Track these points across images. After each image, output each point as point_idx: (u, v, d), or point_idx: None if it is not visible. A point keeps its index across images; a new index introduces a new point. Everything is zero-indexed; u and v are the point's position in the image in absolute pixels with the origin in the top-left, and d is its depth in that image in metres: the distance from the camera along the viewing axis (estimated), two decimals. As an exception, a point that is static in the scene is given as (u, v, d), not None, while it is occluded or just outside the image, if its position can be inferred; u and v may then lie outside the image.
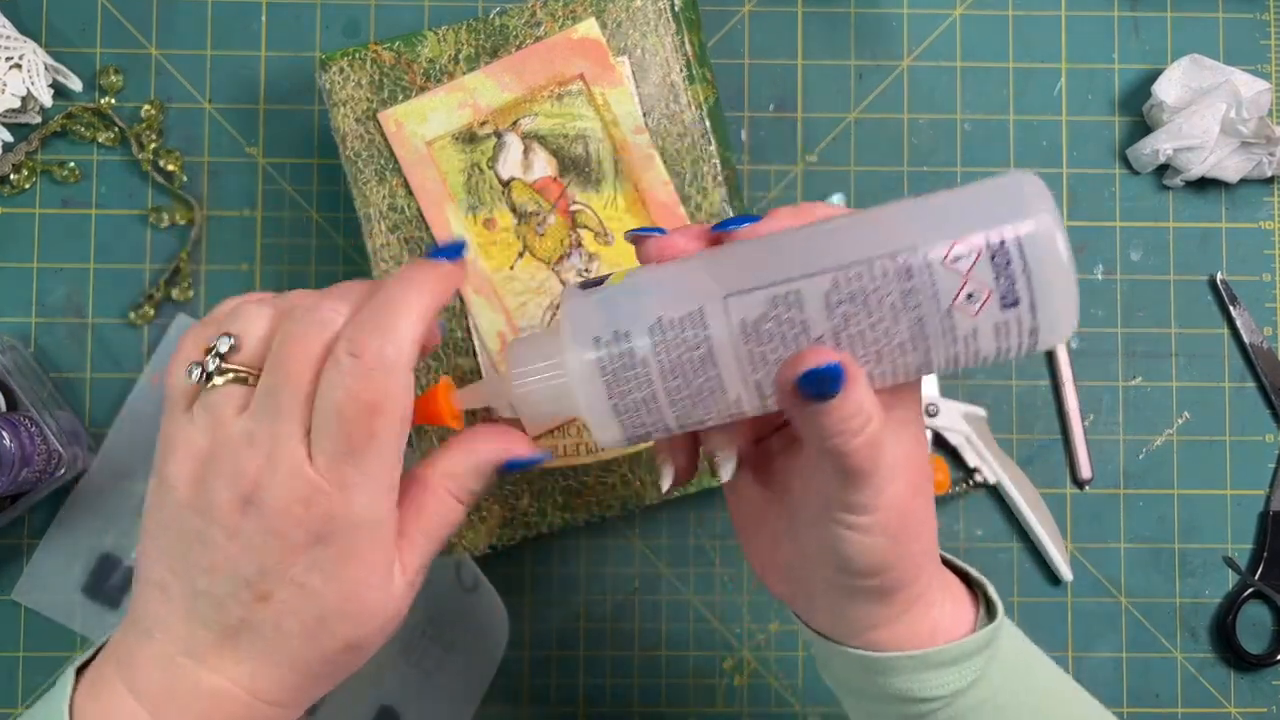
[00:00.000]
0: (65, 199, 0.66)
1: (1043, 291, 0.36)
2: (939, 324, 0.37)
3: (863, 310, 0.37)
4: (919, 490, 0.40)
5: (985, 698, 0.43)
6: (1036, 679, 0.45)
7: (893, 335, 0.37)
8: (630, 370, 0.38)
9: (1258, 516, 0.68)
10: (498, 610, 0.63)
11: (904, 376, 0.38)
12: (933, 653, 0.42)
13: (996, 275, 0.36)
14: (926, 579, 0.42)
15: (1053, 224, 0.36)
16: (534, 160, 0.58)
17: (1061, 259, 0.36)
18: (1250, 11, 0.69)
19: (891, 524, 0.39)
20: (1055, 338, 0.37)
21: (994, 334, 0.37)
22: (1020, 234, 0.36)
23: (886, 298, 0.37)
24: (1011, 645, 0.44)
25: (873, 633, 0.43)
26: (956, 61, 0.68)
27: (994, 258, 0.36)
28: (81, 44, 0.66)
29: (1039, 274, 0.36)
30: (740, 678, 0.66)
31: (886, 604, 0.42)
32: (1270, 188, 0.69)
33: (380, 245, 0.58)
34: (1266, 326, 0.68)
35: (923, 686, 0.42)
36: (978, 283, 0.36)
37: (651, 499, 0.58)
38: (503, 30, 0.58)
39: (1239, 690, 0.67)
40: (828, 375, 0.35)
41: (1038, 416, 0.67)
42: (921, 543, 0.41)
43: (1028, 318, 0.37)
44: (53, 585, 0.65)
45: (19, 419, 0.59)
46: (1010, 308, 0.36)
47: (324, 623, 0.39)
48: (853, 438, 0.37)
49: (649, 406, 0.39)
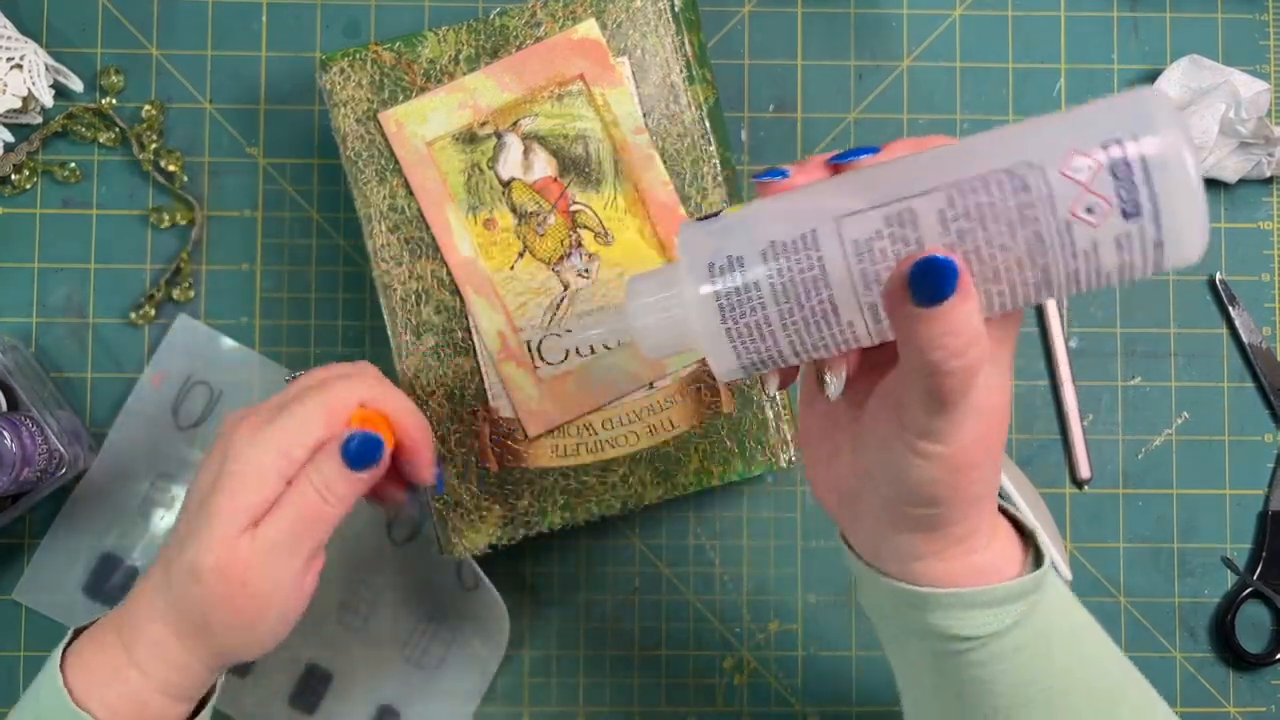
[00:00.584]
0: (66, 199, 0.66)
1: (1167, 202, 0.35)
2: (1057, 237, 0.36)
3: (978, 225, 0.36)
4: (996, 435, 0.40)
5: (1021, 644, 0.43)
6: (1077, 633, 0.45)
7: (1010, 250, 0.36)
8: (744, 295, 0.38)
9: (1256, 516, 0.68)
10: (498, 610, 0.63)
11: (1023, 298, 0.37)
12: (973, 592, 0.42)
13: (1117, 185, 0.35)
14: (977, 520, 0.42)
15: (1178, 136, 0.35)
16: (534, 160, 0.58)
17: (1188, 170, 0.35)
18: (1249, 12, 0.69)
19: (961, 460, 0.39)
20: (1183, 254, 0.36)
21: (1115, 248, 0.36)
22: (1143, 144, 0.35)
23: (1003, 211, 0.36)
24: (1055, 596, 0.44)
25: (916, 563, 0.43)
26: (956, 62, 0.68)
27: (1114, 168, 0.35)
28: (82, 44, 0.66)
29: (1162, 184, 0.35)
30: (740, 677, 0.66)
31: (933, 538, 0.42)
32: (1269, 188, 0.69)
33: (380, 245, 0.59)
34: (1265, 326, 0.68)
35: (960, 625, 0.43)
36: (1098, 193, 0.35)
37: (651, 499, 0.58)
38: (503, 31, 0.58)
39: (1238, 689, 0.67)
40: (943, 270, 0.35)
41: (1037, 416, 0.67)
42: (983, 486, 0.41)
43: (1151, 229, 0.35)
44: (54, 585, 0.65)
45: (20, 419, 0.59)
46: (1132, 218, 0.35)
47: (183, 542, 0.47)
48: (954, 357, 0.36)
49: (763, 332, 0.39)
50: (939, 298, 0.35)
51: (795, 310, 0.38)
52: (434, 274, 0.58)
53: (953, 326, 0.35)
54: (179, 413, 0.65)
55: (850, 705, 0.66)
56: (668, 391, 0.58)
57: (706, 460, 0.58)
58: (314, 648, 0.65)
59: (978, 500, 0.41)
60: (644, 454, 0.58)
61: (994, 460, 0.41)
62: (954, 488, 0.40)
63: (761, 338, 0.39)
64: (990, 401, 0.39)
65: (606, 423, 0.58)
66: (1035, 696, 0.44)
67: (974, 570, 0.43)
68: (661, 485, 0.58)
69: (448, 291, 0.58)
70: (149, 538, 0.65)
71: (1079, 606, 0.47)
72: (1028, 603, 0.43)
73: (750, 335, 0.39)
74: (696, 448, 0.58)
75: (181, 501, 0.53)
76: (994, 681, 0.44)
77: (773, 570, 0.67)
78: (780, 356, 0.39)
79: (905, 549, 0.43)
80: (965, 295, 0.35)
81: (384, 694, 0.65)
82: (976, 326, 0.35)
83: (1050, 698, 0.44)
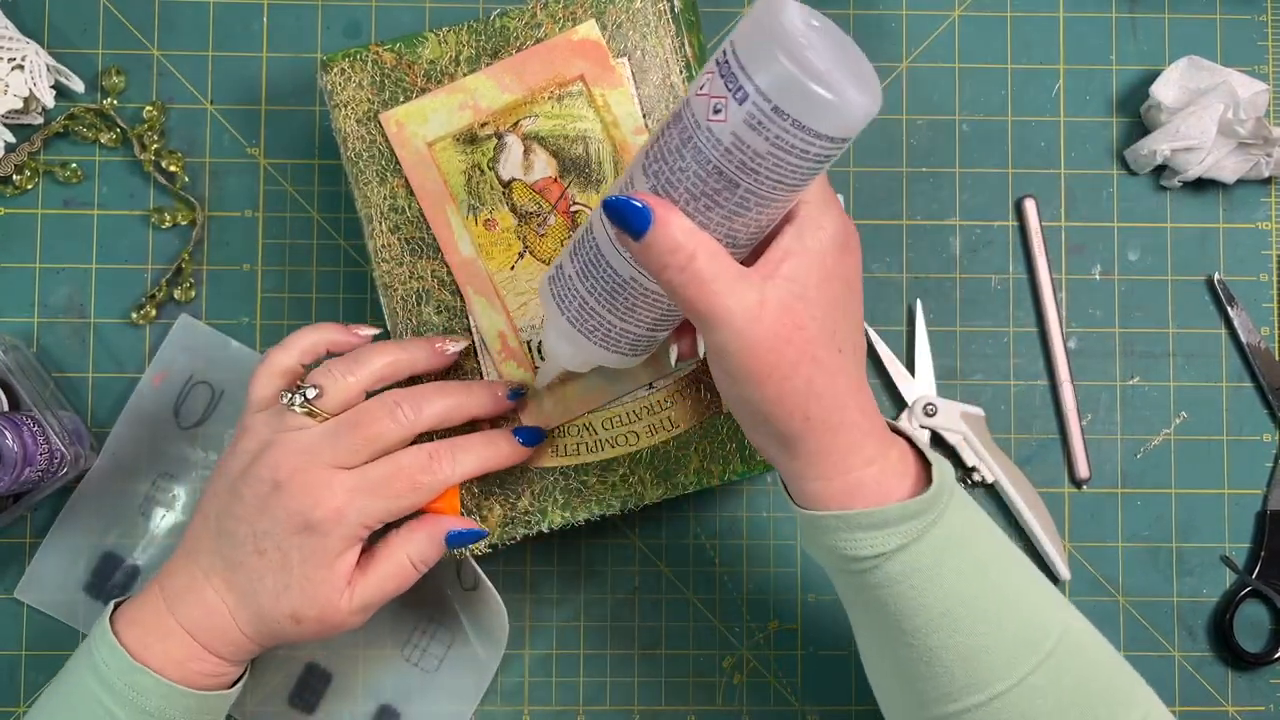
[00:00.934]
0: (67, 199, 0.66)
1: (764, 75, 0.39)
2: (707, 143, 0.42)
3: (662, 162, 0.43)
4: (787, 341, 0.44)
5: (918, 565, 0.45)
6: (978, 552, 0.47)
7: (686, 170, 0.42)
8: (566, 287, 0.49)
9: (1255, 516, 0.68)
10: (498, 609, 0.63)
11: (727, 211, 0.43)
12: (856, 514, 0.45)
13: (725, 80, 0.41)
14: (832, 437, 0.45)
15: (765, 14, 0.40)
16: (535, 161, 0.58)
17: (774, 50, 0.39)
18: (1248, 13, 0.69)
19: (753, 370, 0.44)
20: (831, 114, 0.40)
21: (752, 130, 0.40)
22: (734, 37, 0.41)
23: (673, 145, 0.43)
24: (957, 519, 0.46)
25: (806, 486, 0.47)
26: (955, 62, 0.68)
27: (720, 68, 0.41)
28: (83, 45, 0.67)
29: (749, 60, 0.40)
30: (740, 676, 0.67)
31: (793, 456, 0.46)
32: (1267, 188, 0.69)
33: (381, 246, 0.59)
34: (1264, 326, 0.68)
35: (848, 545, 0.46)
36: (715, 95, 0.41)
37: (651, 499, 0.58)
38: (503, 31, 0.58)
39: (1237, 689, 0.67)
40: (620, 206, 0.43)
41: (1035, 416, 0.68)
42: (804, 397, 0.44)
43: (762, 102, 0.40)
44: (55, 584, 0.65)
45: (21, 418, 0.59)
46: (745, 100, 0.40)
47: (286, 590, 0.52)
48: (678, 272, 0.43)
49: (586, 310, 0.48)
50: (638, 226, 0.42)
51: (596, 286, 0.47)
52: (434, 274, 0.59)
53: (664, 247, 0.42)
54: (180, 413, 0.66)
55: (850, 705, 0.66)
56: (668, 391, 0.58)
57: (706, 460, 0.58)
58: (313, 647, 0.65)
59: (809, 409, 0.44)
60: (644, 454, 0.58)
61: (809, 364, 0.44)
62: (765, 396, 0.44)
63: (589, 316, 0.48)
64: (761, 304, 0.43)
65: (606, 423, 0.58)
66: (937, 621, 0.45)
67: (859, 492, 0.46)
68: (661, 485, 0.58)
69: (448, 292, 0.59)
70: (150, 537, 0.65)
71: (991, 532, 0.48)
72: (918, 525, 0.45)
73: (581, 316, 0.48)
74: (696, 448, 0.59)
75: (212, 474, 0.55)
76: (894, 603, 0.46)
77: (773, 570, 0.67)
78: (616, 329, 0.48)
79: (785, 472, 0.48)
80: (663, 221, 0.42)
81: (384, 693, 0.65)
82: (687, 241, 0.42)
83: (955, 621, 0.45)
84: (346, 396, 0.53)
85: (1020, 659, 0.45)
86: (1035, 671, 0.45)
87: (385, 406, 0.53)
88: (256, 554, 0.52)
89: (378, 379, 0.54)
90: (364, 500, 0.52)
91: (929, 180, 0.68)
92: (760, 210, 0.43)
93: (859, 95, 0.40)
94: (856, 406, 0.46)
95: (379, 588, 0.54)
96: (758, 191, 0.42)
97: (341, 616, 0.53)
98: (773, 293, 0.44)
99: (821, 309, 0.45)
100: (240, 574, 0.52)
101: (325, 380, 0.53)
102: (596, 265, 0.47)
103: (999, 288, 0.68)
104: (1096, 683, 0.46)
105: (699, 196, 0.43)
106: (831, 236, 0.45)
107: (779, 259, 0.44)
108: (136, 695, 0.50)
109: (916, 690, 0.47)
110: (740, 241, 0.45)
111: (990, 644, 0.45)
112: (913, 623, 0.46)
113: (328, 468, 0.52)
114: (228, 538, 0.52)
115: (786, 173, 0.42)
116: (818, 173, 0.43)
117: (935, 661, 0.46)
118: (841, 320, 0.46)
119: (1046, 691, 0.45)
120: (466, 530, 0.55)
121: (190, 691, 0.52)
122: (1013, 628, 0.46)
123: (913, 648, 0.46)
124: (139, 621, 0.52)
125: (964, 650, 0.45)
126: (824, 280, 0.45)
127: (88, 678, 0.51)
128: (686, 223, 0.43)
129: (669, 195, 0.43)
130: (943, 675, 0.46)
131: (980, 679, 0.45)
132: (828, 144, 0.41)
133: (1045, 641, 0.46)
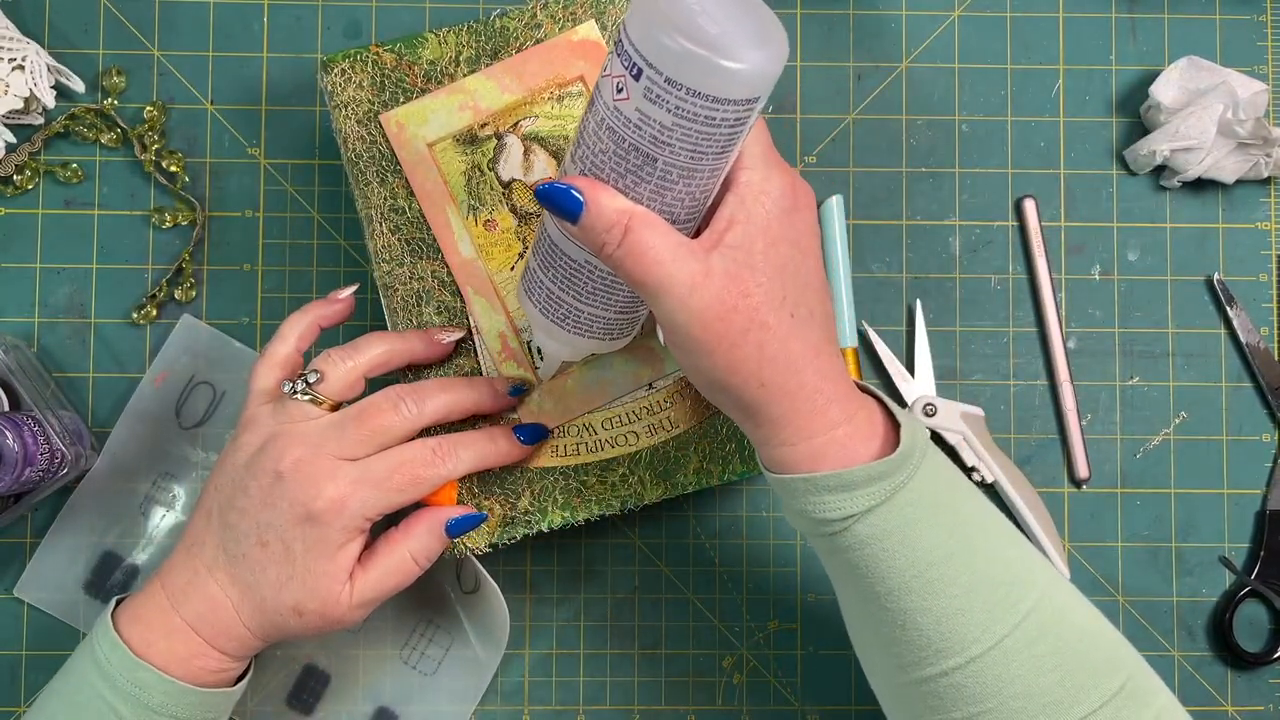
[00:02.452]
0: (68, 200, 0.66)
1: (649, 49, 0.40)
2: (618, 123, 0.42)
3: (584, 146, 0.44)
4: (733, 309, 0.44)
5: (888, 528, 0.45)
6: (952, 513, 0.47)
7: (606, 151, 0.43)
8: (533, 280, 0.50)
9: (1254, 515, 0.68)
10: (499, 610, 0.63)
11: (654, 186, 0.43)
12: (822, 476, 0.45)
13: (620, 59, 0.42)
14: (791, 402, 0.45)
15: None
16: (535, 162, 0.58)
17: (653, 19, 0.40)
18: (1247, 13, 0.69)
19: (702, 339, 0.44)
20: (720, 82, 0.40)
21: (653, 104, 0.41)
22: (628, 10, 0.41)
23: (591, 129, 0.44)
24: (929, 480, 0.46)
25: (774, 451, 0.47)
26: (955, 63, 0.68)
27: (616, 48, 0.42)
28: (84, 45, 0.67)
29: (636, 37, 0.40)
30: (740, 676, 0.67)
31: (756, 424, 0.46)
32: (1267, 188, 0.69)
33: (381, 246, 0.59)
34: (1263, 326, 0.68)
35: (815, 508, 0.46)
36: (615, 74, 0.42)
37: (651, 499, 0.58)
38: (503, 32, 0.59)
39: (1236, 689, 0.67)
40: (554, 190, 0.44)
41: (1035, 416, 0.68)
42: (756, 363, 0.44)
43: (656, 75, 0.40)
44: (55, 583, 0.65)
45: (22, 418, 0.59)
46: (640, 75, 0.41)
47: (289, 581, 0.52)
48: (615, 247, 0.44)
49: (552, 299, 0.50)
50: (574, 207, 0.44)
51: (558, 276, 0.49)
52: (435, 274, 0.59)
53: (598, 225, 0.44)
54: (182, 413, 0.66)
55: (849, 704, 0.67)
56: (668, 391, 0.58)
57: (706, 460, 0.59)
58: (312, 648, 0.65)
59: (765, 376, 0.45)
60: (643, 454, 0.59)
61: (761, 331, 0.44)
62: (716, 365, 0.44)
63: (558, 305, 0.50)
64: (705, 274, 0.44)
65: (606, 423, 0.58)
66: (910, 583, 0.45)
67: (825, 456, 0.46)
68: (661, 485, 0.58)
69: (448, 292, 0.59)
70: (150, 536, 0.65)
71: (967, 493, 0.48)
72: (886, 486, 0.45)
73: (550, 306, 0.50)
74: (696, 448, 0.59)
75: (212, 469, 0.56)
76: (866, 566, 0.46)
77: (773, 570, 0.67)
78: (585, 314, 0.49)
79: (754, 438, 0.48)
80: (592, 201, 0.43)
81: (382, 695, 0.65)
82: (615, 217, 0.43)
83: (928, 584, 0.45)
84: (347, 381, 0.54)
85: (996, 622, 0.45)
86: (1011, 634, 0.45)
87: (389, 399, 0.53)
88: (259, 546, 0.52)
89: (376, 364, 0.55)
90: (366, 492, 0.52)
91: (929, 180, 0.68)
92: (688, 182, 0.44)
93: (755, 53, 0.40)
94: (815, 370, 0.46)
95: (379, 583, 0.54)
96: (677, 164, 0.43)
97: (342, 611, 0.53)
98: (718, 262, 0.44)
99: (768, 275, 0.45)
100: (243, 566, 0.52)
101: (325, 365, 0.54)
102: (553, 255, 0.48)
103: (999, 288, 0.68)
104: (1077, 646, 0.46)
105: (624, 174, 0.43)
106: (775, 200, 0.45)
107: (723, 229, 0.45)
108: (140, 692, 0.51)
109: (894, 653, 0.47)
110: (679, 216, 0.45)
111: (965, 606, 0.45)
112: (886, 585, 0.46)
113: (331, 459, 0.52)
114: (231, 531, 0.53)
115: (700, 140, 0.42)
116: (737, 137, 0.43)
117: (910, 625, 0.46)
118: (791, 283, 0.45)
119: (1023, 654, 0.45)
120: (465, 516, 0.56)
121: (193, 689, 0.52)
122: (987, 590, 0.46)
123: (888, 610, 0.46)
124: (142, 618, 0.52)
125: (938, 613, 0.45)
126: (770, 245, 0.45)
127: (91, 675, 0.51)
128: (618, 199, 0.44)
129: (598, 177, 0.44)
130: (918, 638, 0.46)
131: (955, 642, 0.45)
132: (734, 107, 0.41)
133: (1021, 604, 0.46)
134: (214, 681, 0.53)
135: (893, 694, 0.49)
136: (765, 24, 0.42)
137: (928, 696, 0.46)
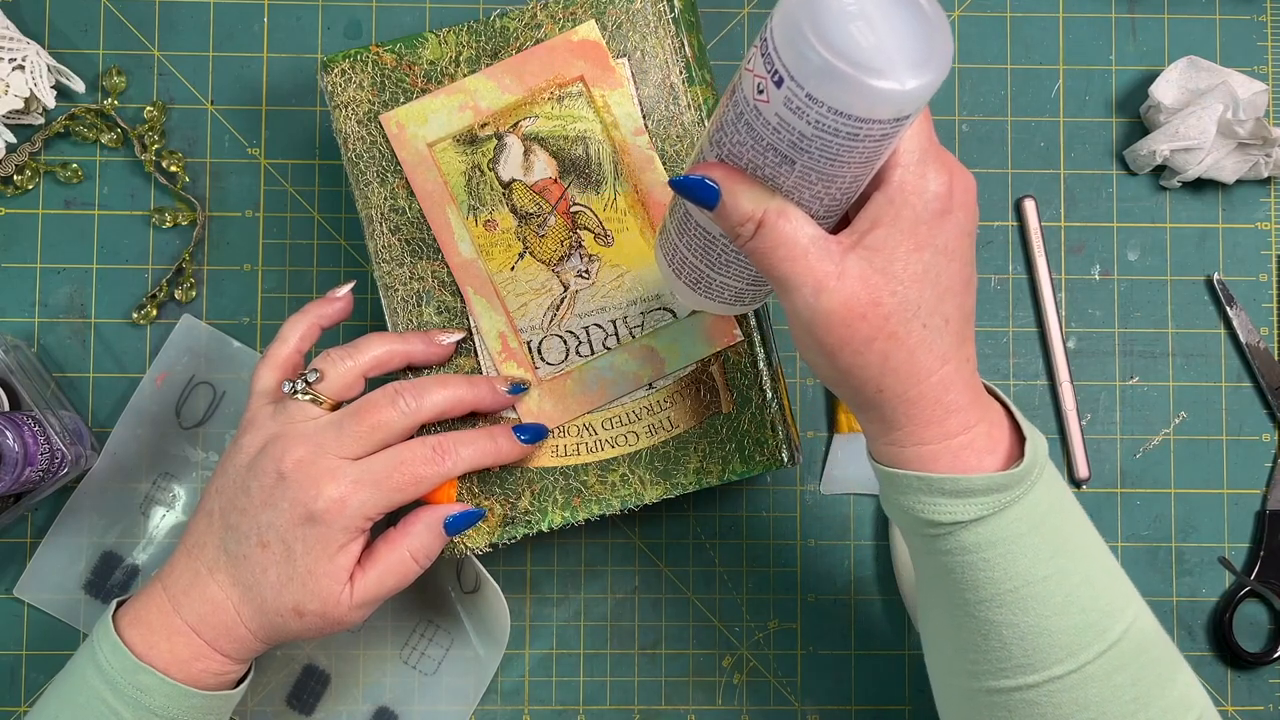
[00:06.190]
0: (68, 200, 0.66)
1: (794, 61, 0.37)
2: (757, 121, 0.40)
3: (723, 132, 0.42)
4: (861, 317, 0.42)
5: (994, 539, 0.44)
6: (1057, 533, 0.46)
7: (744, 143, 0.41)
8: (669, 242, 0.49)
9: (1254, 515, 0.68)
10: (500, 608, 0.63)
11: (792, 183, 0.41)
12: (940, 478, 0.44)
13: (764, 61, 0.38)
14: (908, 408, 0.44)
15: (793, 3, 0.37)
16: (534, 162, 0.58)
17: (803, 30, 0.36)
18: (1247, 13, 0.69)
19: (825, 342, 0.43)
20: (867, 102, 0.37)
21: (793, 113, 0.38)
22: (774, 15, 0.38)
23: (731, 118, 0.41)
24: (1043, 497, 0.45)
25: (886, 448, 0.46)
26: (955, 62, 0.68)
27: (762, 47, 0.39)
28: (84, 45, 0.67)
29: (782, 46, 0.37)
30: (740, 676, 0.67)
31: (868, 420, 0.46)
32: (1267, 188, 0.69)
33: (382, 246, 0.59)
34: (1263, 326, 0.68)
35: (925, 509, 0.45)
36: (757, 74, 0.39)
37: (651, 499, 0.59)
38: (503, 32, 0.59)
39: (1236, 689, 0.67)
40: (690, 183, 0.43)
41: (1035, 415, 0.68)
42: (878, 371, 0.43)
43: (796, 88, 0.37)
44: (55, 582, 0.65)
45: (22, 418, 0.59)
46: (780, 86, 0.38)
47: (289, 582, 0.52)
48: (749, 239, 0.43)
49: (686, 263, 0.48)
50: (710, 199, 0.43)
51: (690, 242, 0.47)
52: (435, 275, 0.59)
53: (734, 217, 0.43)
54: (182, 413, 0.66)
55: (849, 704, 0.67)
56: (668, 391, 0.58)
57: (706, 460, 0.59)
58: (312, 648, 0.66)
59: (893, 377, 0.43)
60: (643, 454, 0.59)
61: (892, 337, 0.43)
62: (841, 364, 0.43)
63: (689, 269, 0.49)
64: (840, 274, 0.42)
65: (606, 423, 0.58)
66: (1004, 596, 0.45)
67: (948, 459, 0.45)
68: (661, 485, 0.59)
69: (448, 292, 0.59)
70: (150, 536, 0.65)
71: (1075, 514, 0.47)
72: (1001, 498, 0.44)
73: (681, 269, 0.49)
74: (696, 448, 0.59)
75: (215, 470, 0.55)
76: (962, 572, 0.45)
77: (773, 570, 0.67)
78: (716, 282, 0.48)
79: (868, 432, 0.47)
80: (729, 190, 0.42)
81: (382, 695, 0.65)
82: (751, 210, 0.42)
83: (1021, 600, 0.45)
84: (346, 380, 0.54)
85: (1083, 646, 0.45)
86: (1095, 660, 0.45)
87: (387, 395, 0.54)
88: (260, 546, 0.52)
89: (376, 364, 0.55)
90: (366, 492, 0.52)
91: (929, 180, 0.68)
92: (827, 185, 0.41)
93: (911, 72, 0.36)
94: (939, 379, 0.44)
95: (379, 583, 0.54)
96: (817, 168, 0.40)
97: (343, 611, 0.53)
98: (853, 264, 0.42)
99: (906, 282, 0.42)
100: (244, 567, 0.52)
101: (324, 365, 0.54)
102: (687, 224, 0.47)
103: (998, 288, 0.68)
104: (1155, 680, 0.46)
105: (761, 168, 0.41)
106: (927, 204, 0.42)
107: (865, 229, 0.42)
108: (141, 694, 0.51)
109: (970, 659, 0.46)
110: (818, 212, 0.42)
111: (1053, 627, 0.45)
112: (978, 594, 0.45)
113: (332, 458, 0.52)
114: (232, 531, 0.53)
115: (841, 152, 0.39)
116: (885, 148, 0.40)
117: (993, 635, 0.45)
118: (929, 291, 0.43)
119: (1104, 682, 0.45)
120: (463, 513, 0.56)
121: (195, 691, 0.52)
122: (1079, 614, 0.45)
123: (974, 618, 0.45)
124: (143, 621, 0.52)
125: (1025, 629, 0.44)
126: (913, 251, 0.42)
127: (92, 678, 0.51)
128: (755, 189, 0.42)
129: (736, 164, 0.42)
130: (999, 650, 0.45)
131: (1038, 660, 0.45)
132: (879, 125, 0.38)
133: (1110, 633, 0.45)
134: (215, 684, 0.53)
135: (958, 696, 0.49)
136: (929, 26, 0.38)
137: (996, 707, 0.46)
